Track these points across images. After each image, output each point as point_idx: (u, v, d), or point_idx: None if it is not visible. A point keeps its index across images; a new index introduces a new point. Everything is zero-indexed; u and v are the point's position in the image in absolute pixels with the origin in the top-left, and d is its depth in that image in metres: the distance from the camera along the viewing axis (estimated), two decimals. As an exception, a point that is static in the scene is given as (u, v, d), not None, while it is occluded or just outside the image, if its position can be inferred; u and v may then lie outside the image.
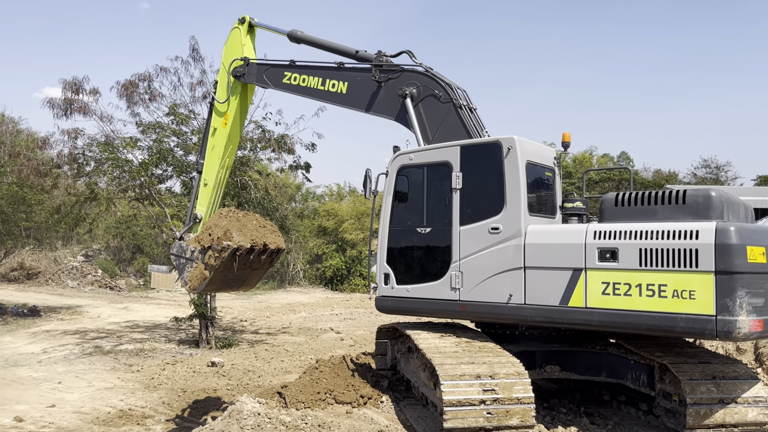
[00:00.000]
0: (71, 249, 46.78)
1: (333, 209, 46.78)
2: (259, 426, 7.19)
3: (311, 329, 24.66)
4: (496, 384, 6.88)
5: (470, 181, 8.31)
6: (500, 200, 8.03)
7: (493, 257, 7.99)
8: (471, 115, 9.20)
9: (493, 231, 8.02)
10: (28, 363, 17.61)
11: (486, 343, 8.04)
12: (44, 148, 20.98)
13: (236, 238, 9.55)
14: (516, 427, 6.80)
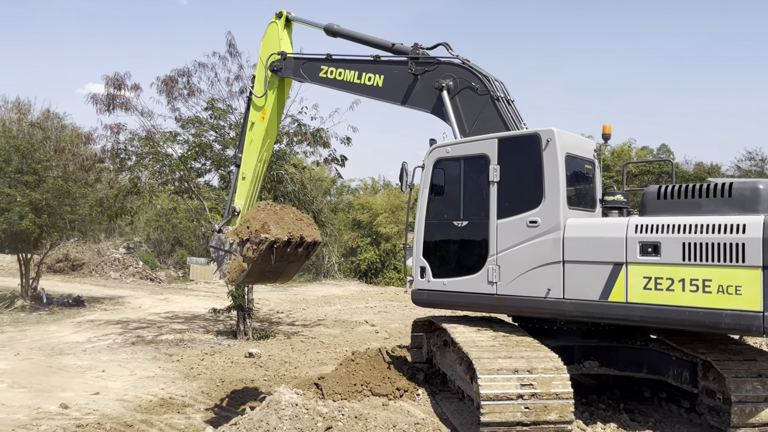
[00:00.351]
0: (113, 241, 47.98)
1: (367, 203, 46.90)
2: (296, 416, 7.27)
3: (346, 322, 24.82)
4: (534, 378, 6.82)
5: (508, 173, 8.23)
6: (539, 193, 7.93)
7: (531, 251, 7.90)
8: (508, 107, 9.10)
9: (532, 224, 7.93)
10: (73, 352, 18.15)
11: (523, 338, 7.96)
12: (88, 143, 21.53)
13: (274, 230, 9.65)
14: (554, 422, 6.73)
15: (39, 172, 25.58)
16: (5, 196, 24.19)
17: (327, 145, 20.67)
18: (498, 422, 6.70)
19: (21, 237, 25.97)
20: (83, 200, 26.38)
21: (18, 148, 25.53)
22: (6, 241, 27.18)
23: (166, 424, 11.74)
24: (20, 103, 37.38)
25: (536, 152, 7.97)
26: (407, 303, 30.30)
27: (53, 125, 31.71)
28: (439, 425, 7.72)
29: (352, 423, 7.31)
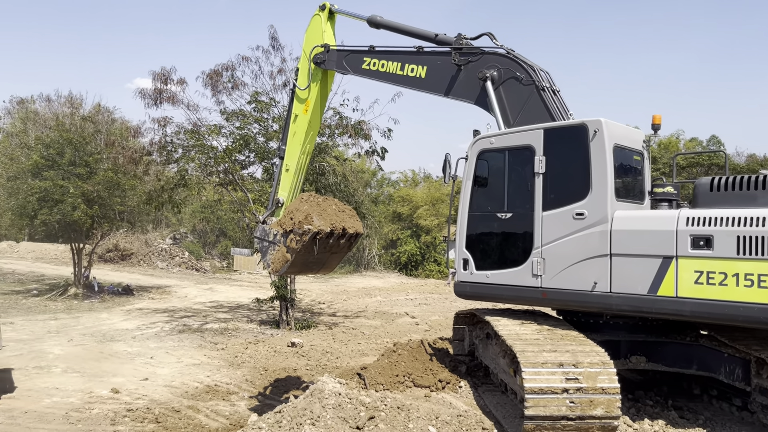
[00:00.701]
0: (161, 232, 49.21)
1: (408, 195, 46.85)
2: (339, 405, 7.35)
3: (387, 313, 24.90)
4: (579, 373, 6.72)
5: (554, 165, 8.10)
6: (586, 185, 7.78)
7: (577, 243, 7.77)
8: (554, 97, 8.94)
9: (578, 217, 7.79)
10: (123, 338, 18.72)
11: (569, 331, 7.85)
12: (136, 137, 22.10)
13: (316, 222, 9.73)
14: (600, 417, 6.62)
15: (90, 164, 26.40)
16: (59, 187, 25.04)
17: (368, 138, 20.74)
18: (542, 416, 6.63)
19: (74, 227, 26.89)
20: (132, 192, 27.14)
21: (71, 141, 26.38)
22: (60, 231, 28.17)
23: (212, 410, 12.01)
24: (73, 97, 38.61)
25: (583, 143, 7.82)
26: (447, 295, 30.23)
27: (104, 119, 32.65)
28: (481, 418, 7.69)
29: (395, 413, 7.34)
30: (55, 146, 26.15)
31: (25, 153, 28.07)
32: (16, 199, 26.64)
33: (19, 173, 26.78)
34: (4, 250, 48.07)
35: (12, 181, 27.45)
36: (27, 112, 41.40)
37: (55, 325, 20.56)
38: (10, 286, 31.27)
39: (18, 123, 41.89)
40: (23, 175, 26.42)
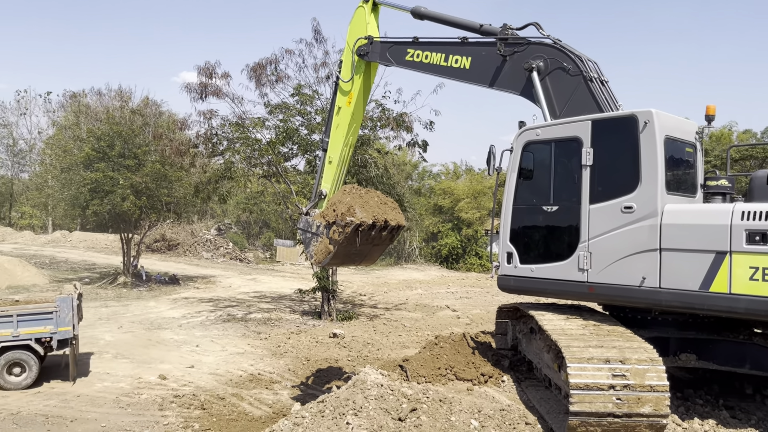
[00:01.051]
0: (206, 223, 50.23)
1: (449, 188, 46.55)
2: (382, 397, 7.37)
3: (427, 306, 24.87)
4: (627, 369, 6.57)
5: (602, 157, 7.91)
6: (635, 177, 7.58)
7: (625, 237, 7.59)
8: (602, 88, 8.72)
9: (626, 210, 7.61)
10: (170, 326, 19.20)
11: (615, 327, 7.69)
12: (183, 129, 22.54)
13: (359, 214, 9.75)
14: (648, 415, 6.47)
15: (139, 156, 27.09)
16: (109, 179, 25.79)
17: (410, 130, 20.68)
18: (588, 412, 6.51)
19: (123, 218, 27.67)
20: (179, 183, 27.75)
21: (120, 133, 27.11)
22: (110, 222, 29.03)
23: (255, 398, 12.23)
24: (122, 91, 39.62)
25: (633, 135, 7.62)
26: (489, 289, 29.99)
27: (152, 112, 33.43)
28: (525, 413, 7.61)
29: (437, 406, 7.33)
30: (105, 139, 26.92)
31: (78, 145, 28.99)
32: (69, 190, 27.58)
33: (72, 165, 27.69)
34: (57, 239, 49.83)
35: (65, 172, 28.41)
36: (79, 105, 42.70)
37: (105, 312, 21.23)
38: (63, 273, 32.42)
39: (71, 116, 43.27)
40: (76, 167, 27.31)
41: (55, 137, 42.20)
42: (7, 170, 63.52)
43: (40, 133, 60.46)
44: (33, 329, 12.62)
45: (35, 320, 12.67)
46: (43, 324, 12.66)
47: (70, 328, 12.70)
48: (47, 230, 54.93)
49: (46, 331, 12.63)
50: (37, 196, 43.75)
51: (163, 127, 28.81)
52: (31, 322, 12.64)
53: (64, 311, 12.67)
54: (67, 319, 12.67)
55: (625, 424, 6.51)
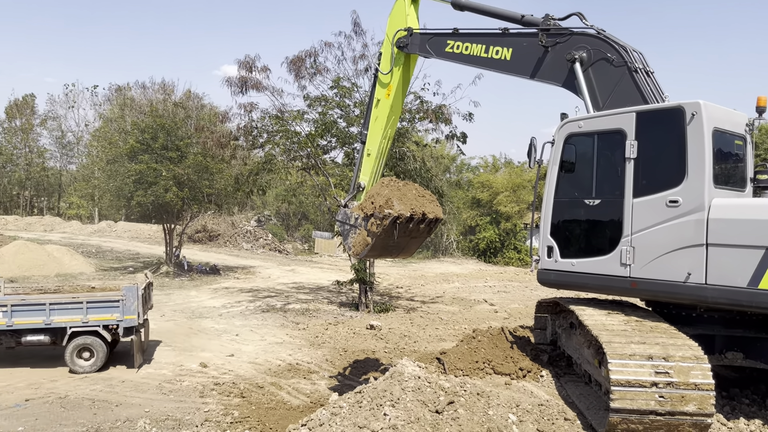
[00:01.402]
0: (246, 214, 50.97)
1: (488, 181, 46.14)
2: (419, 389, 7.38)
3: (464, 299, 24.76)
4: (670, 367, 6.43)
5: (646, 149, 7.73)
6: (681, 171, 7.39)
7: (670, 232, 7.41)
8: (648, 79, 8.52)
9: (672, 204, 7.42)
10: (210, 316, 19.58)
11: (659, 323, 7.53)
12: (224, 122, 22.88)
13: (397, 206, 9.75)
14: (692, 414, 6.33)
15: (181, 148, 27.63)
16: (152, 170, 26.38)
17: (448, 122, 20.55)
18: (629, 409, 6.41)
19: (166, 208, 28.29)
20: (219, 175, 28.21)
21: (163, 126, 27.67)
22: (153, 212, 29.73)
23: (293, 388, 12.38)
24: (165, 84, 40.42)
25: (679, 127, 7.42)
26: (527, 283, 29.69)
27: (193, 105, 34.03)
28: (564, 408, 7.53)
29: (475, 399, 7.30)
30: (149, 131, 27.52)
31: (123, 138, 29.71)
32: (114, 182, 28.31)
33: (117, 157, 28.40)
34: (103, 229, 51.28)
35: (111, 164, 29.15)
36: (124, 98, 43.71)
37: (149, 300, 21.75)
38: (109, 263, 33.36)
39: (116, 109, 44.35)
40: (121, 159, 28.00)
41: (101, 129, 43.34)
42: (57, 162, 65.70)
43: (87, 126, 62.29)
44: (101, 316, 13.07)
45: (103, 307, 13.11)
46: (110, 311, 13.09)
47: (135, 317, 13.09)
48: (94, 220, 56.58)
49: (113, 318, 13.05)
50: (84, 187, 45.06)
51: (205, 119, 29.31)
52: (100, 309, 13.10)
53: (129, 300, 13.06)
54: (132, 308, 13.06)
55: (667, 423, 6.39)
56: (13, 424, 10.05)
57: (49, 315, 12.93)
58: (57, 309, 12.99)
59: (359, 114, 20.11)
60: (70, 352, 12.98)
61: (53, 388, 11.97)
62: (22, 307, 13.00)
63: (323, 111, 21.03)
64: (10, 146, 63.31)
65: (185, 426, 10.20)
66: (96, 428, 9.98)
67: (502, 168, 50.64)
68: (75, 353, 13.01)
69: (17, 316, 12.91)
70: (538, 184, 9.49)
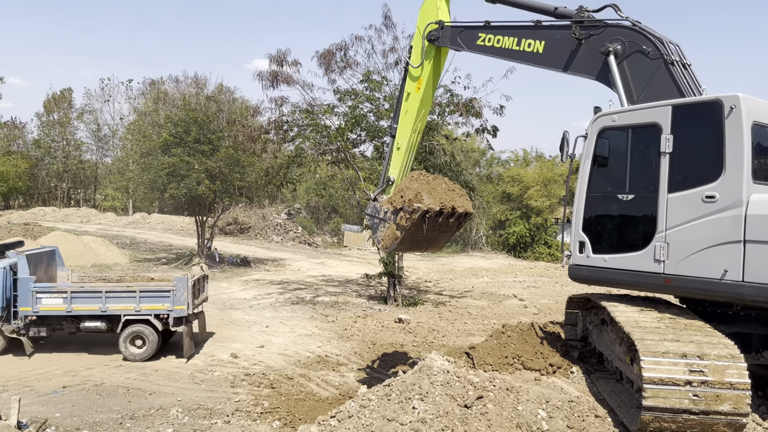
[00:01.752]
0: (276, 207, 51.41)
1: (518, 175, 45.71)
2: (447, 383, 7.37)
3: (494, 294, 24.63)
4: (705, 365, 6.32)
5: (682, 144, 7.57)
6: (718, 166, 7.22)
7: (706, 228, 7.25)
8: (684, 71, 8.33)
9: (708, 199, 7.26)
10: (241, 307, 19.85)
11: (693, 321, 7.39)
12: (255, 116, 23.10)
13: (426, 200, 9.73)
14: (727, 413, 6.21)
15: (213, 141, 27.98)
16: (185, 163, 26.78)
17: (479, 116, 20.40)
18: (661, 408, 6.31)
19: (198, 201, 28.71)
20: (251, 168, 28.50)
21: (196, 119, 28.05)
22: (186, 205, 30.19)
23: (322, 380, 12.49)
24: (198, 78, 40.93)
25: (717, 120, 7.25)
26: (558, 279, 29.38)
27: (225, 98, 34.41)
28: (594, 405, 7.45)
29: (504, 395, 7.27)
30: (182, 124, 27.93)
31: (156, 131, 30.21)
32: (148, 174, 28.82)
33: (151, 150, 28.90)
34: (137, 221, 52.28)
35: (145, 157, 29.69)
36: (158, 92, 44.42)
37: (181, 291, 22.10)
38: (143, 254, 34.01)
39: (150, 103, 45.08)
40: (154, 152, 28.49)
41: (135, 123, 44.14)
42: (93, 154, 67.07)
43: (122, 119, 63.44)
44: (152, 305, 13.52)
45: (155, 297, 13.56)
46: (161, 301, 13.52)
47: (184, 307, 13.44)
48: (128, 212, 57.70)
49: (164, 308, 13.48)
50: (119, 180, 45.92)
51: (237, 113, 29.62)
52: (151, 298, 13.55)
53: (179, 290, 13.43)
54: (182, 298, 13.42)
55: (701, 422, 6.28)
56: (51, 410, 10.35)
57: (105, 303, 13.50)
58: (112, 297, 13.54)
59: (389, 107, 20.09)
60: (124, 339, 13.48)
61: (89, 376, 12.28)
62: (81, 294, 13.59)
63: (353, 105, 21.07)
64: (49, 139, 64.85)
65: (216, 415, 10.38)
66: (131, 415, 10.22)
67: (533, 162, 50.08)
68: (128, 340, 13.50)
69: (76, 303, 13.51)
70: (570, 178, 9.37)
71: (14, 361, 13.20)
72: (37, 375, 12.26)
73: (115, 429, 9.60)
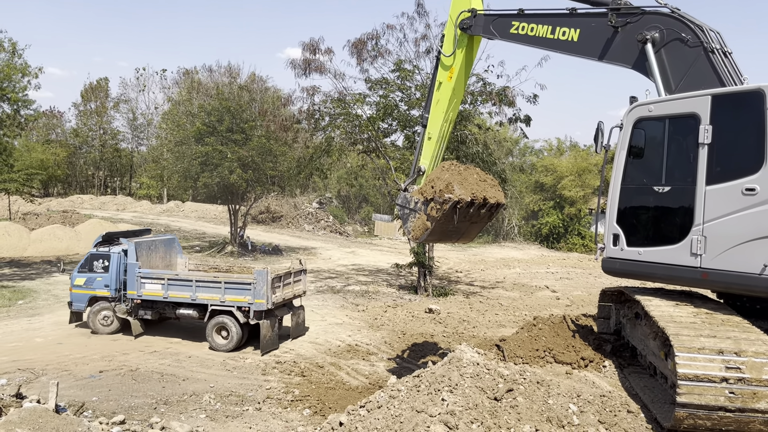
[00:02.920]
0: (308, 196, 51.76)
1: (552, 164, 45.12)
2: (477, 375, 7.34)
3: (525, 286, 24.43)
4: (742, 362, 6.15)
5: (722, 135, 7.35)
6: (759, 157, 6.99)
7: (745, 222, 7.04)
8: (725, 60, 8.07)
9: (748, 192, 7.05)
10: (273, 295, 20.03)
11: (731, 317, 7.20)
12: (287, 105, 23.22)
13: (457, 191, 9.66)
14: (764, 411, 6.05)
15: (246, 131, 28.25)
16: (218, 152, 27.10)
17: (512, 104, 20.17)
18: (696, 404, 6.18)
19: (230, 190, 29.06)
20: (283, 158, 28.71)
21: (229, 109, 28.33)
22: (219, 193, 30.60)
23: (352, 368, 12.57)
24: (231, 67, 41.28)
25: (758, 110, 7.01)
26: (591, 270, 29.00)
27: (258, 88, 34.66)
28: (627, 400, 7.34)
29: (534, 388, 7.21)
30: (215, 114, 28.24)
31: (190, 120, 30.62)
32: (181, 163, 29.27)
33: (185, 139, 29.31)
34: (171, 209, 53.19)
35: (178, 146, 30.14)
36: (192, 82, 44.95)
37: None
38: (177, 241, 34.58)
39: (184, 92, 45.65)
40: (188, 141, 28.89)
41: (169, 112, 44.80)
42: (128, 143, 68.38)
43: (157, 109, 64.50)
44: (235, 297, 13.74)
45: (238, 289, 13.75)
46: (243, 294, 13.69)
47: (264, 301, 13.47)
48: (162, 200, 58.73)
49: (245, 300, 13.63)
50: (154, 168, 46.77)
51: (269, 102, 29.82)
52: (235, 290, 13.76)
53: (260, 284, 13.48)
54: (262, 292, 13.48)
55: (737, 420, 6.13)
56: (88, 393, 10.64)
57: (195, 291, 13.95)
58: (201, 286, 13.95)
59: (420, 97, 19.99)
60: (210, 329, 13.83)
61: (125, 361, 12.58)
62: (176, 282, 14.19)
63: (384, 94, 21.02)
64: (86, 128, 66.28)
65: (248, 402, 10.54)
66: (165, 400, 10.45)
67: (567, 151, 49.39)
68: (214, 330, 13.80)
69: (172, 290, 14.12)
70: (605, 169, 9.20)
71: (52, 346, 13.60)
72: (74, 359, 12.61)
73: (150, 413, 9.83)
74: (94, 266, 14.90)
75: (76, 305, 15.05)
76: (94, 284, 14.82)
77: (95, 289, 14.80)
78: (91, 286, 14.84)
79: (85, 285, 14.89)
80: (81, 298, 14.96)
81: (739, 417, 6.14)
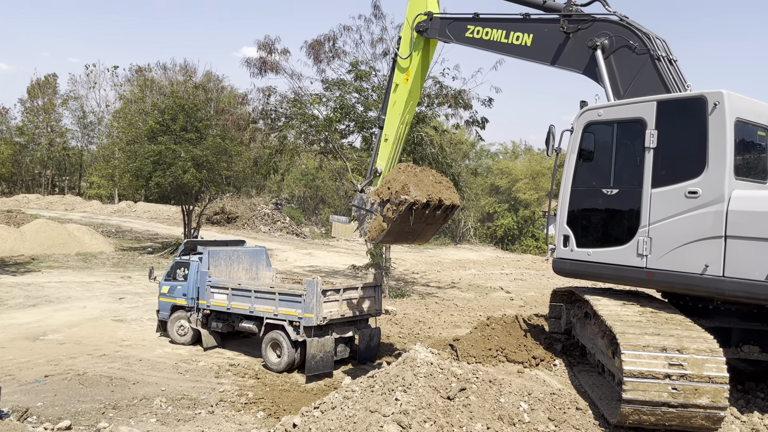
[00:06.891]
0: (264, 197, 51.20)
1: (507, 168, 45.92)
2: (431, 375, 7.40)
3: (480, 286, 24.74)
4: (684, 359, 6.37)
5: (667, 139, 7.61)
6: (701, 161, 7.27)
7: (688, 223, 7.31)
8: (670, 67, 8.37)
9: (691, 195, 7.31)
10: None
11: (674, 315, 7.45)
12: (243, 104, 22.96)
13: (413, 192, 9.74)
14: (705, 407, 6.28)
15: (200, 130, 27.79)
16: (171, 151, 26.58)
17: (468, 107, 20.42)
18: (641, 401, 6.37)
19: (184, 190, 28.53)
20: (238, 158, 28.35)
21: (183, 107, 27.83)
22: (172, 193, 30.02)
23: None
24: (187, 65, 40.53)
25: (701, 116, 7.28)
26: (544, 272, 29.57)
27: (214, 86, 34.15)
28: (576, 397, 7.52)
29: (486, 387, 7.31)
30: (169, 112, 27.70)
31: (142, 119, 29.94)
32: (133, 162, 28.58)
33: (137, 138, 28.64)
34: (123, 209, 51.87)
35: (130, 144, 29.42)
36: (145, 80, 43.94)
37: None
38: (128, 242, 33.78)
39: (136, 90, 44.59)
40: (140, 140, 28.24)
41: (121, 110, 43.63)
42: (78, 141, 66.32)
43: (108, 106, 62.70)
44: (287, 310, 12.27)
45: (290, 301, 12.28)
46: (294, 306, 12.18)
47: (312, 316, 11.80)
48: (114, 200, 57.19)
49: (295, 314, 12.10)
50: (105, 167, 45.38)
51: (225, 101, 29.45)
52: (287, 303, 12.31)
53: (309, 296, 11.89)
54: (311, 305, 11.85)
55: (680, 415, 6.35)
56: (33, 399, 10.28)
57: (253, 303, 12.75)
58: (259, 298, 12.66)
59: (377, 98, 20.05)
60: (265, 345, 12.55)
61: (72, 365, 12.21)
62: (238, 292, 13.05)
63: (341, 95, 20.99)
64: (32, 126, 64.01)
65: (200, 405, 10.37)
66: (113, 405, 10.18)
67: (521, 155, 50.30)
68: (269, 346, 12.47)
69: (234, 301, 13.08)
70: (556, 172, 9.41)
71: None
72: (18, 364, 12.17)
73: (98, 418, 9.56)
74: (176, 274, 14.36)
75: (162, 314, 14.56)
76: (175, 293, 14.26)
77: (176, 298, 14.17)
78: (172, 295, 14.31)
79: (169, 293, 14.42)
80: (165, 306, 14.46)
81: (682, 412, 6.35)
